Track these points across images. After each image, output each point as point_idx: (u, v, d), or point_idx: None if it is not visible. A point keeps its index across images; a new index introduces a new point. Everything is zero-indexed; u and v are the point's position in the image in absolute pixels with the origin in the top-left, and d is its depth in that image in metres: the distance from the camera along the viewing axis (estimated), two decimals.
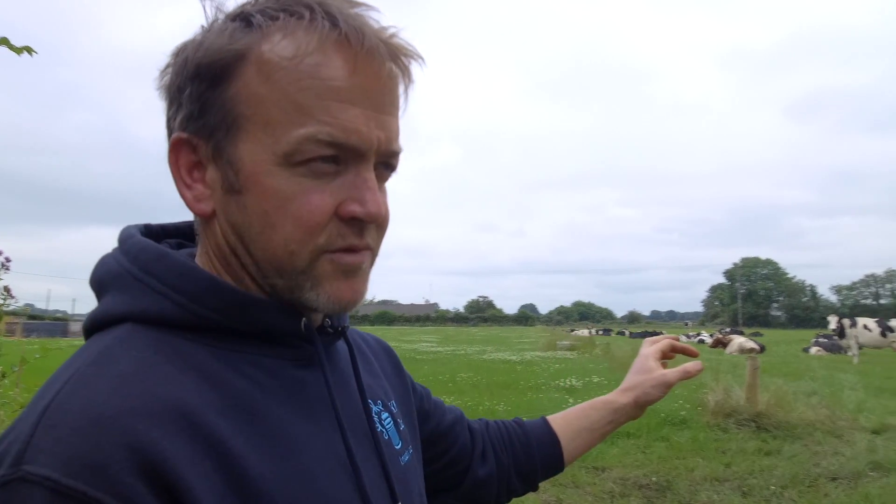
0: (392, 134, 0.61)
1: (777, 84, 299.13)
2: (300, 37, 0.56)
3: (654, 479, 5.39)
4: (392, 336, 40.46)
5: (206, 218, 0.62)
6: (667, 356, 1.08)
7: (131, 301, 0.59)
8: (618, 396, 1.03)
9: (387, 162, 0.62)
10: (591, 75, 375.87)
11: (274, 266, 0.60)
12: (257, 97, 0.56)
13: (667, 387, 1.02)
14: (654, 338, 1.10)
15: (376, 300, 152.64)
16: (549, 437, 1.00)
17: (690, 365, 1.04)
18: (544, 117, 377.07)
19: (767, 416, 7.40)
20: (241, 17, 0.58)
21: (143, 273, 0.60)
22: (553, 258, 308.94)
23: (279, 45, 0.56)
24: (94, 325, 0.61)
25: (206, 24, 0.60)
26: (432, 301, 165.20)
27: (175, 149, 0.60)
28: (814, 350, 23.48)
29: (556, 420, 1.02)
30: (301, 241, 0.58)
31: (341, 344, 0.74)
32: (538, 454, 0.98)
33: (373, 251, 0.63)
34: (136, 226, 0.68)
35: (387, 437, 0.72)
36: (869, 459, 5.91)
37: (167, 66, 0.61)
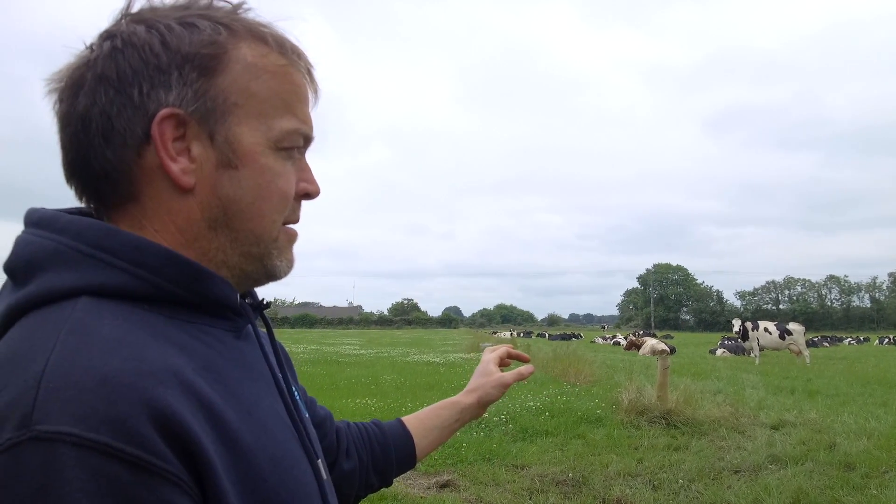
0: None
1: (695, 100, 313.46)
2: (273, 51, 0.69)
3: (570, 475, 5.54)
4: (313, 339, 39.80)
5: (184, 191, 0.66)
6: (504, 363, 1.22)
7: (82, 276, 0.60)
8: (463, 397, 1.15)
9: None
10: (523, 85, 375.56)
11: (255, 234, 0.68)
12: (248, 91, 0.67)
13: (504, 387, 1.16)
14: (494, 346, 1.24)
15: (297, 302, 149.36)
16: (403, 437, 1.09)
17: (524, 368, 1.20)
18: (477, 123, 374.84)
19: (676, 414, 7.75)
20: (212, 20, 0.66)
21: (93, 249, 0.61)
22: (478, 261, 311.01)
23: (261, 54, 0.68)
24: (33, 304, 0.59)
25: (147, 11, 0.65)
26: (356, 303, 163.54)
27: (163, 122, 0.63)
28: (719, 352, 24.78)
29: (410, 420, 1.12)
30: (279, 213, 0.70)
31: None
32: (394, 452, 1.07)
33: None
34: (44, 209, 0.67)
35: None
36: (768, 453, 6.30)
37: (123, 47, 0.63)
